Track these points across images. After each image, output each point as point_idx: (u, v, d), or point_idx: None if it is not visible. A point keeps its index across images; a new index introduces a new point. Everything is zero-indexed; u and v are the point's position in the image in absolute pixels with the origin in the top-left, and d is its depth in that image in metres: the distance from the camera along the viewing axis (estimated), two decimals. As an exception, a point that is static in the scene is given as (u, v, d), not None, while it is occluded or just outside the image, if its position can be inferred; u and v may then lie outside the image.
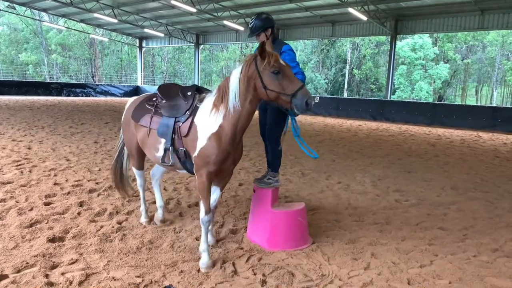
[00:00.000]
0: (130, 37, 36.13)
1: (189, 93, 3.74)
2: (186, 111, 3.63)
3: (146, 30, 29.52)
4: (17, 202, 4.84)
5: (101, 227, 4.20)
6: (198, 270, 3.35)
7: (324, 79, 46.60)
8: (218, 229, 4.33)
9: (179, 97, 3.77)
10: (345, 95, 41.79)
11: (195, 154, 3.47)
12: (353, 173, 7.58)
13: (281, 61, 3.24)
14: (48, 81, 37.11)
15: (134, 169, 4.42)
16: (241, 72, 3.34)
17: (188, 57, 50.01)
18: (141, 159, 4.31)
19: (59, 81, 39.24)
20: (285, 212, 3.96)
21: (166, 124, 3.67)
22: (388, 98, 22.46)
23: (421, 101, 31.01)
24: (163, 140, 3.70)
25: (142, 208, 4.47)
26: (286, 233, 3.91)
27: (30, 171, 6.41)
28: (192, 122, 3.56)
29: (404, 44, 37.36)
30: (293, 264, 3.57)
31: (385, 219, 4.98)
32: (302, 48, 46.21)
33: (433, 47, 37.80)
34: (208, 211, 3.51)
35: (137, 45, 36.34)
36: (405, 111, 20.20)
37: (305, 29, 25.09)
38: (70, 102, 23.00)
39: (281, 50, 3.98)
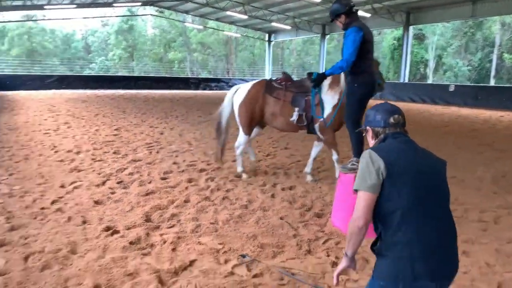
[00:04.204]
0: (260, 32, 37.79)
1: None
2: (314, 89, 5.11)
3: (273, 24, 30.55)
4: (141, 175, 5.74)
5: (201, 200, 4.73)
6: (275, 245, 3.58)
7: (467, 66, 41.93)
8: (304, 212, 4.48)
9: (304, 80, 5.27)
10: (492, 83, 36.89)
11: (322, 119, 5.05)
12: (474, 168, 6.86)
13: None
14: (189, 76, 41.29)
15: (245, 136, 5.73)
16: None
17: (318, 49, 50.19)
18: (254, 127, 5.79)
19: (199, 76, 43.27)
20: (367, 197, 3.90)
21: (299, 98, 5.17)
22: (543, 86, 19.19)
23: None
24: (296, 109, 5.19)
25: (240, 168, 5.88)
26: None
27: (157, 152, 7.44)
28: (320, 97, 5.05)
29: None
30: (370, 251, 3.52)
31: (495, 218, 4.47)
32: (441, 32, 42.18)
33: None
34: (338, 152, 5.29)
35: (266, 39, 37.82)
36: None
37: (437, 11, 22.85)
38: (204, 95, 25.28)
39: (345, 34, 4.04)
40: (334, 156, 5.33)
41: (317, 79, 4.79)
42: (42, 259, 3.16)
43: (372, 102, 4.49)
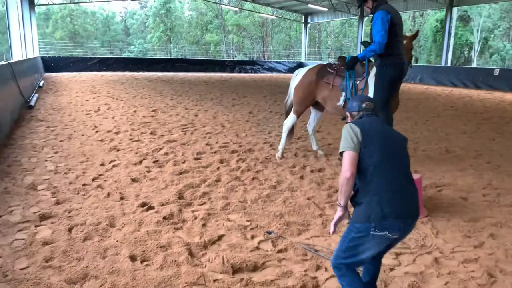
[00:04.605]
0: (296, 14, 37.27)
1: (364, 62, 5.05)
2: (363, 74, 5.11)
3: (310, 5, 30.07)
4: (175, 155, 5.98)
5: (231, 180, 4.90)
6: (301, 224, 3.70)
7: (515, 49, 39.72)
8: (332, 193, 4.54)
9: (357, 65, 5.13)
10: (543, 67, 34.75)
11: None
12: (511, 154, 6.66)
13: None
14: (225, 59, 41.48)
15: (294, 116, 5.91)
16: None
17: (356, 31, 48.95)
18: (305, 110, 5.96)
19: (234, 59, 43.34)
20: (394, 181, 3.93)
21: (348, 83, 5.19)
22: None
23: None
24: (343, 93, 5.26)
25: (282, 146, 6.00)
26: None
27: (191, 133, 7.68)
28: (366, 81, 5.02)
29: None
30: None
31: (528, 203, 4.38)
32: (488, 14, 40.03)
33: None
34: None
35: (303, 21, 37.28)
36: None
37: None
38: (239, 78, 25.41)
39: (373, 18, 4.00)
40: None
41: (350, 63, 4.86)
42: (84, 231, 3.43)
43: (409, 86, 4.45)
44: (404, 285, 2.72)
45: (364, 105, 2.38)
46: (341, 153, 2.21)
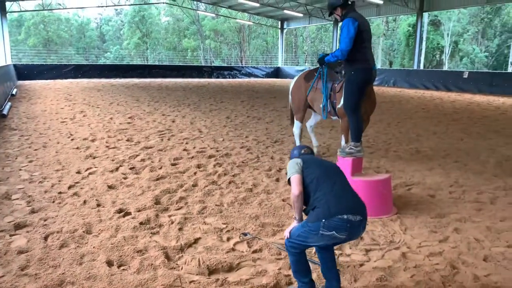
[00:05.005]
0: (272, 19, 37.61)
1: (342, 65, 5.15)
2: (341, 78, 5.26)
3: (286, 11, 30.42)
4: (152, 162, 6.01)
5: (208, 184, 4.98)
6: (276, 224, 3.80)
7: (484, 52, 41.11)
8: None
9: (337, 67, 5.35)
10: (510, 70, 36.09)
11: (339, 106, 5.29)
12: (478, 153, 6.95)
13: None
14: (202, 64, 41.44)
15: (297, 122, 6.37)
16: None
17: (332, 36, 49.70)
18: (304, 114, 6.30)
19: (212, 64, 43.33)
20: (364, 181, 4.09)
21: (327, 85, 5.45)
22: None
23: None
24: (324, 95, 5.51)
25: None
26: (364, 201, 4.04)
27: (168, 139, 7.71)
28: (343, 84, 5.07)
29: None
30: (366, 230, 3.71)
31: (491, 199, 4.60)
32: (458, 18, 41.35)
33: None
34: (347, 141, 5.31)
35: (279, 27, 37.65)
36: None
37: (454, -4, 22.49)
38: (217, 83, 25.45)
39: (341, 25, 4.17)
40: (343, 142, 5.53)
41: (319, 60, 5.09)
42: (60, 238, 3.44)
43: (383, 89, 4.62)
44: (372, 279, 2.86)
45: (302, 151, 2.92)
46: (288, 181, 2.60)
